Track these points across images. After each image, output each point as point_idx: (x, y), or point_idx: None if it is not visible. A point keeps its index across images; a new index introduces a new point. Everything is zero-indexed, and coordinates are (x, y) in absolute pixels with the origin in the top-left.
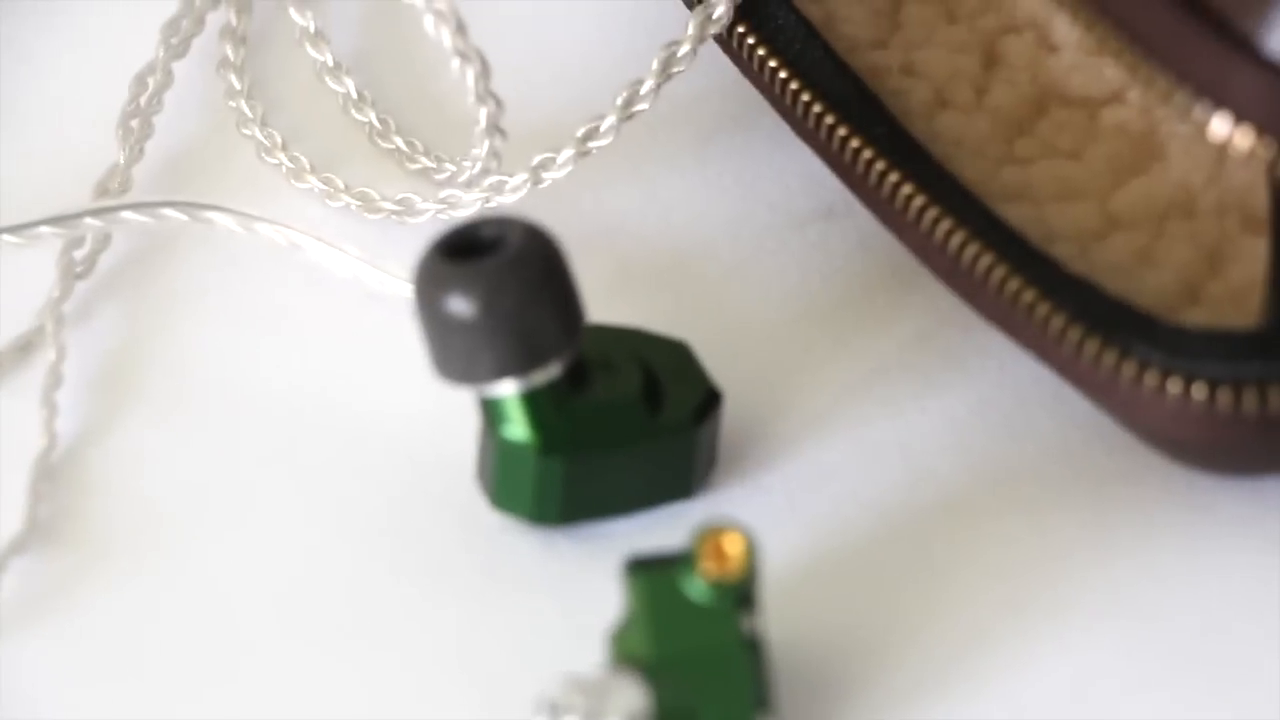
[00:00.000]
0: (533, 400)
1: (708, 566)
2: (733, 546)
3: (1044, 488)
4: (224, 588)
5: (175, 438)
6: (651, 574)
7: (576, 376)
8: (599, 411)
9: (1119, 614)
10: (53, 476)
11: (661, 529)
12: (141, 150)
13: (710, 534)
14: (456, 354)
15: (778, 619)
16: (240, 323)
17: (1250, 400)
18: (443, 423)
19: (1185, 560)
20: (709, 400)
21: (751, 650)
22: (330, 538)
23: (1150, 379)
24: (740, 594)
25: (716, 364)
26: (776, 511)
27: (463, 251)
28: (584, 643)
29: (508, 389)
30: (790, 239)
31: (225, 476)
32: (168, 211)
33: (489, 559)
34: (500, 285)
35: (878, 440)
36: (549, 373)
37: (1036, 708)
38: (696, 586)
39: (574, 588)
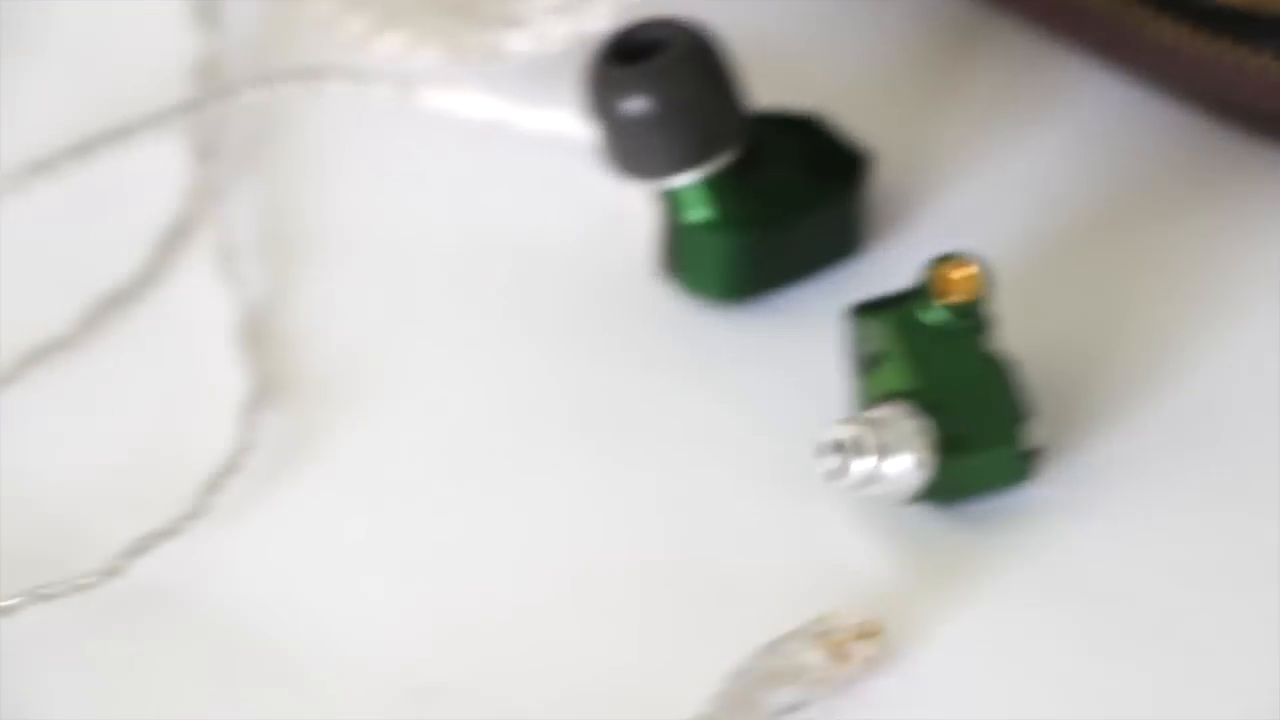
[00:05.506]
0: (712, 185)
1: (947, 290)
2: (964, 270)
3: (1172, 199)
4: (446, 412)
5: (352, 288)
6: (890, 312)
7: (745, 156)
8: (770, 186)
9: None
10: (256, 339)
11: (839, 289)
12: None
13: (940, 263)
14: (639, 151)
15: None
16: (377, 177)
17: None
18: (605, 233)
19: None
20: (862, 160)
21: (1004, 364)
22: (533, 353)
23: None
24: (981, 314)
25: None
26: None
27: (625, 57)
28: (810, 401)
29: (690, 178)
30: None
31: (411, 314)
32: (289, 85)
33: (691, 343)
34: (677, 79)
35: (1001, 178)
36: (726, 157)
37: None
38: (937, 314)
39: (780, 352)
